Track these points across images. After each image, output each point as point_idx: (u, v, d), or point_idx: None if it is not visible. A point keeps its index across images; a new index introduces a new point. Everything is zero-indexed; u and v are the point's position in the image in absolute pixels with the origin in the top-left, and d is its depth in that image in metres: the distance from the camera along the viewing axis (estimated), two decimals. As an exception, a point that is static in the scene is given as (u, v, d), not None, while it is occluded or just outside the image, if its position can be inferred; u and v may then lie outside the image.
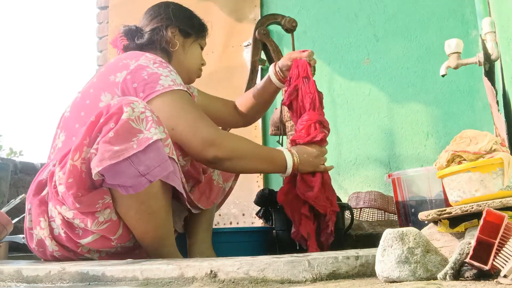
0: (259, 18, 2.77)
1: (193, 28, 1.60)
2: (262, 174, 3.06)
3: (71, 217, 1.24)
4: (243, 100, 1.85)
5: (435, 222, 0.90)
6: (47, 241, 1.29)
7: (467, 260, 0.69)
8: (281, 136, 2.16)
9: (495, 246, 0.68)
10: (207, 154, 1.34)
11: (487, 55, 1.46)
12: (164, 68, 1.37)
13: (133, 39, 1.54)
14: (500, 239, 0.68)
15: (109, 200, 1.24)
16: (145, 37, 1.53)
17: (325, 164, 1.57)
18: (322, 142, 1.56)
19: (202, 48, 1.66)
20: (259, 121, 3.13)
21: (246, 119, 1.87)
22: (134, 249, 1.38)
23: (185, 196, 1.36)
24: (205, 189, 1.55)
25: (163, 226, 1.32)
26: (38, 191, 1.32)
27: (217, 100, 1.84)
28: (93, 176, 1.16)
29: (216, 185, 1.63)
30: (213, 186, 1.61)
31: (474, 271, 0.69)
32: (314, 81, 1.61)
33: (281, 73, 1.69)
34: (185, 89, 1.38)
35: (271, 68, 1.72)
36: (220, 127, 1.60)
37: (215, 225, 2.94)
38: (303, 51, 1.64)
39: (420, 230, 0.79)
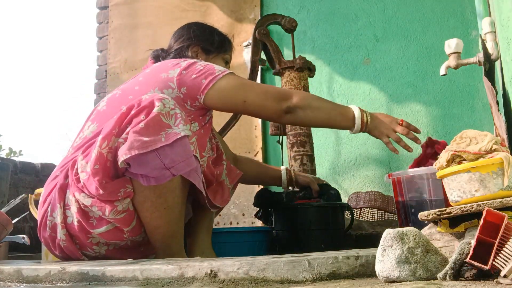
0: (259, 18, 2.78)
1: (213, 45, 1.69)
2: (262, 174, 3.06)
3: (89, 204, 1.26)
4: (250, 166, 1.90)
5: (435, 222, 0.90)
6: (59, 228, 1.32)
7: (467, 260, 0.69)
8: (281, 136, 2.17)
9: (495, 246, 0.68)
10: (282, 106, 1.48)
11: (487, 55, 1.45)
12: (210, 62, 1.53)
13: (160, 59, 1.64)
14: (500, 239, 0.68)
15: (130, 189, 1.27)
16: (171, 57, 1.63)
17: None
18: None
19: (227, 62, 1.75)
20: (259, 121, 3.13)
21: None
22: (141, 245, 1.40)
23: (205, 195, 1.41)
24: (218, 189, 1.57)
25: (175, 223, 1.34)
26: (64, 176, 1.35)
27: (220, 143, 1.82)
28: (119, 164, 1.21)
29: (226, 184, 1.65)
30: (224, 186, 1.63)
31: (474, 271, 0.69)
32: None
33: (294, 183, 1.85)
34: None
35: (285, 172, 1.86)
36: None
37: (215, 225, 2.94)
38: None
39: (420, 230, 0.79)
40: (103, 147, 1.24)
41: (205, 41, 1.69)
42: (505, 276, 0.65)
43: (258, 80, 3.09)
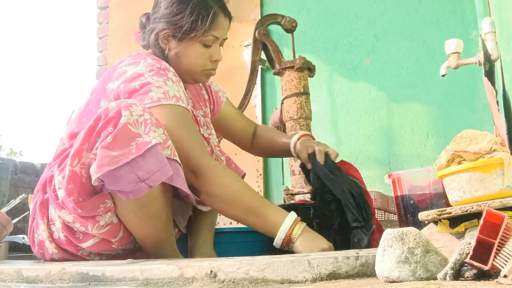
0: (259, 18, 2.78)
1: (181, 29, 1.39)
2: (262, 175, 3.06)
3: (71, 221, 1.24)
4: (266, 137, 1.71)
5: (435, 222, 0.90)
6: (47, 243, 1.30)
7: (467, 260, 0.69)
8: (281, 136, 2.16)
9: (495, 246, 0.68)
10: (191, 180, 1.26)
11: (487, 55, 1.46)
12: (160, 77, 1.30)
13: (142, 38, 1.48)
14: (500, 239, 0.68)
15: (110, 204, 1.23)
16: (146, 40, 1.46)
17: None
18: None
19: (207, 45, 1.42)
20: (259, 121, 3.14)
21: (255, 152, 1.78)
22: (135, 251, 1.38)
23: (192, 197, 1.33)
24: None
25: (163, 229, 1.31)
26: (42, 192, 1.33)
27: (240, 119, 1.73)
28: (92, 182, 1.15)
29: None
30: None
31: (474, 271, 0.69)
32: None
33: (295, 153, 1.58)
34: (178, 103, 1.29)
35: (294, 139, 1.57)
36: (210, 128, 1.54)
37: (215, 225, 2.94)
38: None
39: (420, 230, 0.79)
40: (75, 165, 1.18)
41: (173, 23, 1.38)
42: (505, 276, 0.65)
43: (258, 80, 3.10)
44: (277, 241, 1.24)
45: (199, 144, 1.30)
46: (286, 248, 1.26)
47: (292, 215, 1.26)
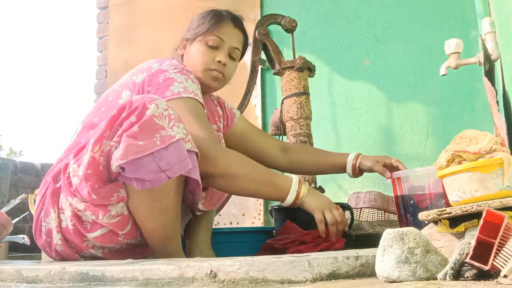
0: (259, 18, 2.78)
1: (191, 31, 1.55)
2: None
3: (82, 209, 1.26)
4: (306, 152, 1.77)
5: (435, 222, 0.90)
6: (54, 232, 1.32)
7: (467, 260, 0.69)
8: (281, 136, 2.16)
9: (495, 246, 0.68)
10: (203, 169, 1.31)
11: (487, 55, 1.46)
12: (182, 75, 1.41)
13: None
14: (500, 239, 0.68)
15: (123, 193, 1.26)
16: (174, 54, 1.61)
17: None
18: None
19: (211, 46, 1.52)
20: (259, 121, 3.13)
21: (289, 166, 1.76)
22: (136, 246, 1.40)
23: (200, 192, 1.38)
24: (207, 193, 1.55)
25: (171, 225, 1.34)
26: (54, 181, 1.34)
27: (259, 134, 1.79)
28: (112, 168, 1.19)
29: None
30: (214, 190, 1.61)
31: (474, 271, 0.69)
32: None
33: (357, 170, 1.64)
34: (196, 98, 1.39)
35: (351, 158, 1.63)
36: (222, 143, 1.59)
37: (215, 225, 2.94)
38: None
39: (420, 230, 0.79)
40: (95, 151, 1.22)
41: (188, 31, 1.56)
42: (505, 276, 0.65)
43: (258, 80, 3.09)
44: (288, 200, 1.39)
45: (210, 134, 1.38)
46: (295, 206, 1.42)
47: (296, 178, 1.42)
